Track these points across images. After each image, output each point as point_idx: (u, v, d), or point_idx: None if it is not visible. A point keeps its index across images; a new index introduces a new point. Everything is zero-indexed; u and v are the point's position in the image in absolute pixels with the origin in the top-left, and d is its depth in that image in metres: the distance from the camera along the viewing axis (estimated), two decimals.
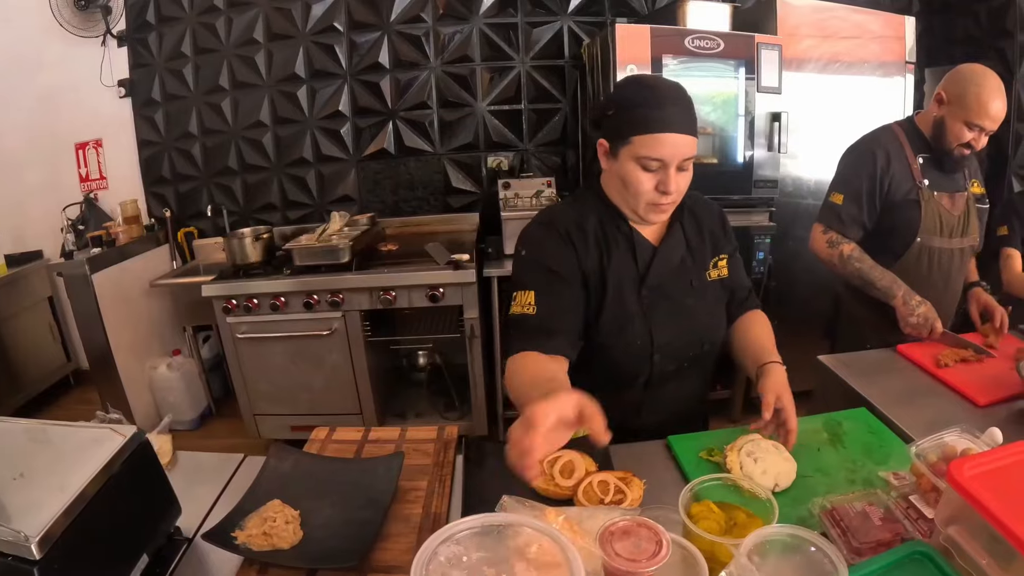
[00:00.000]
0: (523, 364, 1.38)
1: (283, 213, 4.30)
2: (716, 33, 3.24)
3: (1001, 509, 0.89)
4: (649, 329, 1.54)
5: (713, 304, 1.64)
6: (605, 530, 0.99)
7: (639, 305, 1.53)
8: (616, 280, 1.52)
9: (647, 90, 1.39)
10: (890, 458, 1.42)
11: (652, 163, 1.39)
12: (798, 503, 1.26)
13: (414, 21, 3.95)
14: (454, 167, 4.20)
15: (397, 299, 3.27)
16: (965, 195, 2.22)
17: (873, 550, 1.08)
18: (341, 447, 1.60)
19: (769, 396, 1.40)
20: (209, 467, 1.58)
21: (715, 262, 1.64)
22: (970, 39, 4.18)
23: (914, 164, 2.18)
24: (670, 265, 1.57)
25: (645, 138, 1.37)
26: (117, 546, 1.10)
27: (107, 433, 1.15)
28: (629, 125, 1.39)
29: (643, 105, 1.37)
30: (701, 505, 1.14)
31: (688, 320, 1.58)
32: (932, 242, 2.19)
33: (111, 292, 3.58)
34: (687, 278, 1.59)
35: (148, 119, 4.19)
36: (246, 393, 3.48)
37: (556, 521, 1.08)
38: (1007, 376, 1.78)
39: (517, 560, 0.88)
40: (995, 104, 2.00)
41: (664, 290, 1.55)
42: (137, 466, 1.15)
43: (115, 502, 1.08)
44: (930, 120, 2.16)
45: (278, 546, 1.18)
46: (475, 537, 0.89)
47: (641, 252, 1.55)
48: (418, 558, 0.83)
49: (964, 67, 2.09)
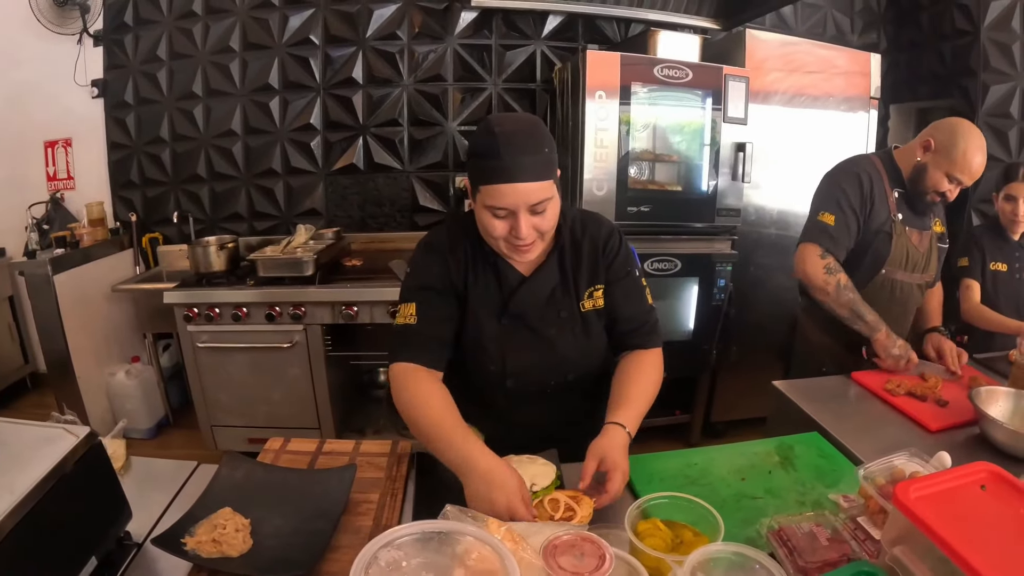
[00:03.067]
0: (415, 389, 1.48)
1: (250, 224, 4.36)
2: (685, 63, 3.37)
3: (946, 530, 0.92)
4: (503, 355, 1.61)
5: (581, 336, 1.66)
6: (549, 543, 1.04)
7: (497, 331, 1.60)
8: (477, 304, 1.59)
9: (492, 138, 1.37)
10: (841, 481, 1.48)
11: (499, 211, 1.41)
12: (747, 524, 1.30)
13: (389, 38, 4.09)
14: (422, 185, 4.32)
15: (359, 314, 3.36)
16: (931, 234, 2.34)
17: (819, 570, 1.10)
18: (295, 458, 1.63)
19: (590, 463, 1.39)
20: (162, 474, 1.60)
21: (590, 292, 1.65)
22: (935, 77, 4.39)
23: (891, 196, 2.28)
24: (537, 297, 1.61)
25: (489, 188, 1.39)
26: (65, 548, 1.10)
27: (60, 433, 1.16)
28: (477, 174, 1.42)
29: (486, 155, 1.38)
30: (648, 523, 1.19)
31: (548, 351, 1.63)
32: (896, 275, 2.30)
33: (72, 294, 3.61)
34: (555, 309, 1.62)
35: (119, 121, 4.24)
36: (204, 403, 3.53)
37: (498, 532, 1.08)
38: (959, 403, 1.87)
39: (456, 567, 0.91)
40: (978, 161, 2.11)
41: (526, 320, 1.61)
42: (89, 468, 1.16)
43: (64, 504, 1.08)
44: (912, 162, 2.25)
45: (227, 554, 1.20)
46: (416, 543, 0.93)
47: (507, 281, 1.59)
48: (358, 561, 0.86)
49: (955, 121, 2.18)
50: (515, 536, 1.10)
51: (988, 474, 1.07)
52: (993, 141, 4.06)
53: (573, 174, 3.39)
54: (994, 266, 2.94)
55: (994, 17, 3.99)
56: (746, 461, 1.58)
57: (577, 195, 3.32)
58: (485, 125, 1.43)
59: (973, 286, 2.92)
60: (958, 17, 4.14)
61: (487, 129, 1.41)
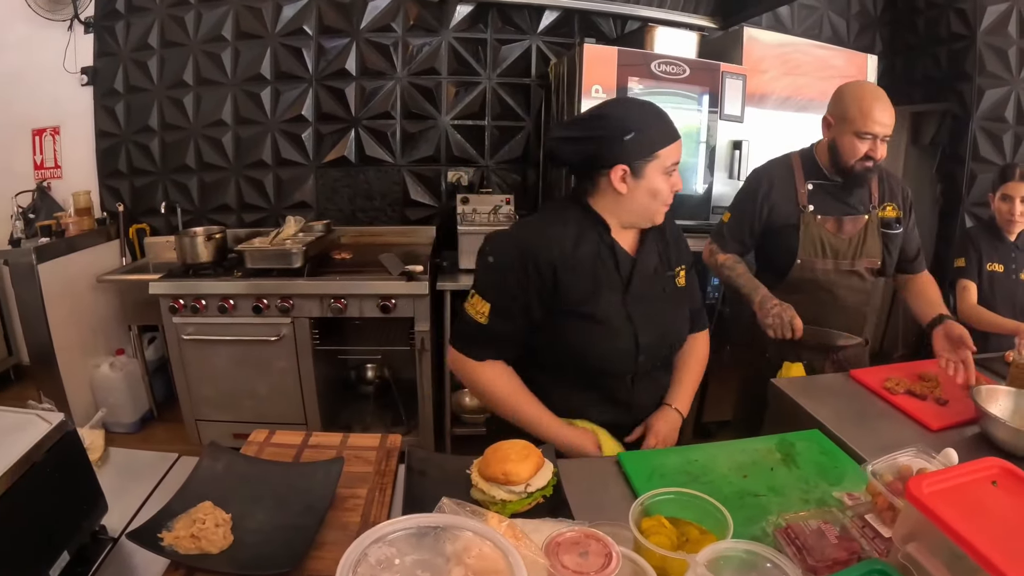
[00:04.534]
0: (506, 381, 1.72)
1: (239, 215, 4.35)
2: (683, 60, 3.39)
3: (962, 525, 0.91)
4: (635, 332, 1.68)
5: (680, 308, 1.83)
6: (552, 540, 0.99)
7: (625, 310, 1.68)
8: (601, 289, 1.66)
9: (649, 108, 1.61)
10: (844, 479, 1.46)
11: (673, 168, 1.60)
12: (751, 522, 1.27)
13: (384, 30, 4.08)
14: (414, 179, 4.32)
15: (348, 308, 3.35)
16: (863, 219, 2.36)
17: (829, 568, 1.08)
18: (279, 451, 1.59)
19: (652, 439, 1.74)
20: (142, 466, 1.56)
21: (679, 271, 1.81)
22: (930, 80, 4.42)
23: (801, 190, 2.36)
24: (647, 272, 1.73)
25: (670, 148, 1.58)
26: (34, 542, 1.07)
27: (32, 419, 1.13)
28: (653, 141, 1.57)
29: (657, 121, 1.59)
30: (652, 520, 1.15)
31: (664, 322, 1.76)
32: (814, 264, 2.35)
33: (57, 284, 3.58)
34: (660, 284, 1.76)
35: (108, 110, 4.21)
36: (189, 397, 3.51)
37: (499, 527, 1.01)
38: (959, 402, 1.87)
39: (455, 565, 0.85)
40: (877, 108, 2.15)
41: (644, 296, 1.71)
42: (61, 457, 1.13)
43: (34, 494, 1.05)
44: (825, 148, 2.33)
45: (206, 550, 1.15)
46: (410, 539, 0.88)
47: (623, 262, 1.69)
48: (345, 558, 0.81)
49: (841, 86, 2.29)
50: (517, 531, 1.04)
51: (999, 470, 1.06)
52: (988, 145, 4.12)
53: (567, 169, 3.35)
54: (990, 267, 2.95)
55: (990, 22, 4.02)
56: (747, 458, 1.56)
57: None
58: (631, 103, 1.74)
59: (970, 287, 2.93)
60: (954, 21, 4.17)
61: (637, 105, 1.65)
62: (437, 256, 3.91)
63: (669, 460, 1.55)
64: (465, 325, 1.70)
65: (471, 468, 1.39)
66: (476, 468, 1.38)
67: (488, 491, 1.32)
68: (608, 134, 1.57)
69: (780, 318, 2.16)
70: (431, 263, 3.62)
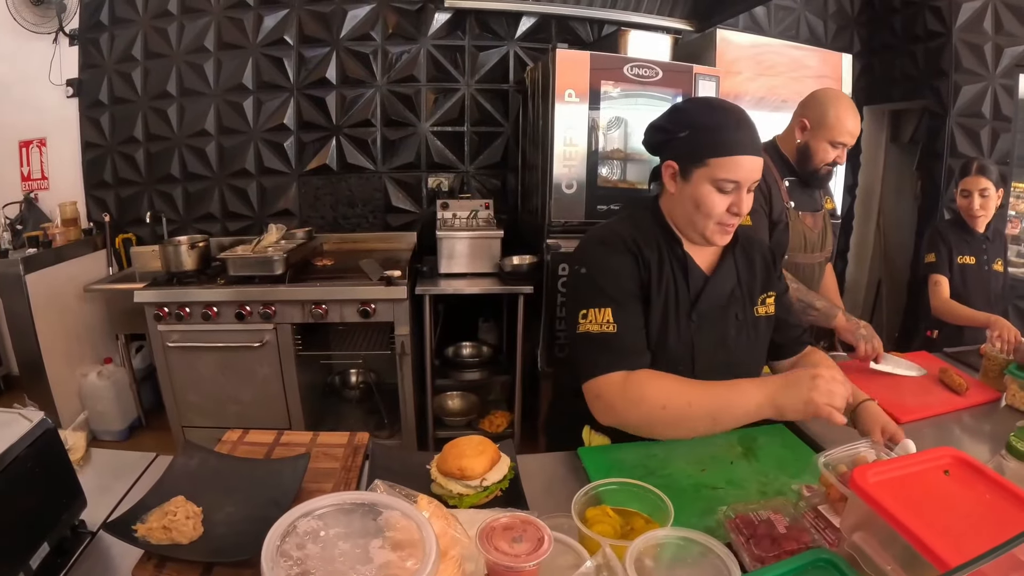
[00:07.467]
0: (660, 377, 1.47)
1: (223, 224, 4.45)
2: (655, 62, 3.47)
3: (905, 514, 0.93)
4: (692, 355, 1.59)
5: (754, 341, 1.68)
6: (487, 526, 1.04)
7: (686, 330, 1.59)
8: (666, 303, 1.57)
9: (720, 112, 1.49)
10: (804, 472, 1.46)
11: (728, 184, 1.46)
12: (707, 514, 1.29)
13: (363, 39, 4.20)
14: (395, 186, 4.43)
15: (329, 313, 3.45)
16: (823, 213, 2.50)
17: (777, 558, 1.09)
18: (251, 448, 1.65)
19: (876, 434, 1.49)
20: (121, 465, 1.62)
21: (763, 299, 1.69)
22: (908, 78, 4.52)
23: (782, 186, 2.42)
24: (720, 296, 1.62)
25: (723, 160, 1.45)
26: (15, 532, 1.12)
27: (14, 417, 1.18)
28: (706, 147, 1.47)
29: (720, 127, 1.47)
30: (597, 509, 1.18)
31: (728, 352, 1.63)
32: (797, 259, 2.44)
33: (44, 294, 3.67)
34: (733, 310, 1.63)
35: (94, 121, 4.31)
36: (175, 404, 3.59)
37: (428, 508, 1.06)
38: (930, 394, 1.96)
39: (373, 537, 0.90)
40: (851, 120, 2.27)
41: (711, 319, 1.61)
42: (42, 453, 1.18)
43: (16, 487, 1.10)
44: (794, 146, 2.41)
45: (177, 540, 1.23)
46: (337, 514, 0.93)
47: (694, 278, 1.60)
48: (274, 529, 0.87)
49: (820, 92, 2.37)
50: (445, 513, 1.10)
51: (952, 459, 1.08)
52: (965, 141, 4.22)
53: (543, 173, 3.48)
54: (962, 260, 3.01)
55: (966, 18, 4.14)
56: (707, 452, 1.57)
57: (548, 193, 3.40)
58: (703, 102, 1.62)
59: (942, 281, 2.97)
60: (930, 19, 4.28)
61: (709, 105, 1.55)
62: (418, 261, 4.01)
63: (628, 455, 1.57)
64: (594, 346, 1.52)
65: (431, 464, 1.46)
66: (435, 464, 1.45)
67: (446, 485, 1.39)
68: (672, 127, 1.53)
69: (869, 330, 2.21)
70: (411, 268, 3.72)
